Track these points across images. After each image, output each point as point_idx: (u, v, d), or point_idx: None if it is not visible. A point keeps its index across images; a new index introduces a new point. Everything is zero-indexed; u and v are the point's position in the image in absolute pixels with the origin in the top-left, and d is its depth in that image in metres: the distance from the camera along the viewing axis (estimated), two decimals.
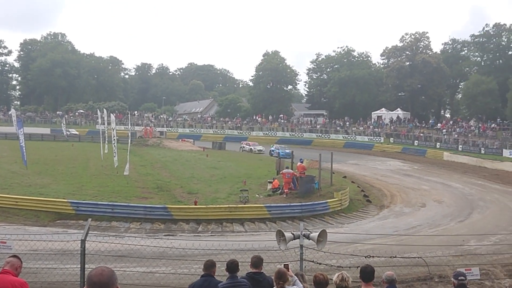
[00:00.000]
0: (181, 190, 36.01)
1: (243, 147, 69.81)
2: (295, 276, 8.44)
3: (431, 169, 53.95)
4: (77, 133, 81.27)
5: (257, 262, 8.61)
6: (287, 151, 58.00)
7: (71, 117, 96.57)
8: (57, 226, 25.40)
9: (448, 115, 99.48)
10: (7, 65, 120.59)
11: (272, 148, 64.48)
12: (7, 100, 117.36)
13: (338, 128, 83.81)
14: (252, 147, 68.27)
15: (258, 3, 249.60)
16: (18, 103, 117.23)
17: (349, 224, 29.10)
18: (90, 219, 12.17)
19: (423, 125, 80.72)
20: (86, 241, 10.53)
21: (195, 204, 30.03)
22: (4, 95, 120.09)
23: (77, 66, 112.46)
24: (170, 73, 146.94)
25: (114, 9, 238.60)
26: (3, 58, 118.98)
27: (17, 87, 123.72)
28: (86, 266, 10.59)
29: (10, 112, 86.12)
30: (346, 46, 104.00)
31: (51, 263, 16.01)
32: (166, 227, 26.69)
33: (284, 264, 9.00)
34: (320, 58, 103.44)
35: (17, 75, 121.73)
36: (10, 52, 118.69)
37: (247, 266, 8.71)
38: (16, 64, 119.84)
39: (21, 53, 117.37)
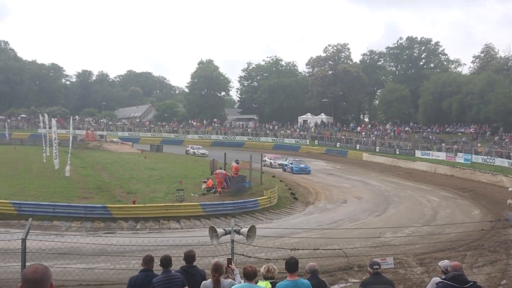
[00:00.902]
0: (120, 190, 35.38)
1: (265, 160, 53.26)
2: (237, 270, 8.48)
3: (352, 168, 55.05)
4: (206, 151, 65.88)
5: (190, 256, 8.60)
6: (302, 165, 50.42)
7: (14, 122, 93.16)
8: None
9: (366, 120, 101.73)
10: None
11: (285, 162, 52.05)
12: None
13: (267, 131, 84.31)
14: (272, 161, 55.08)
15: (193, 13, 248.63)
16: None
17: (277, 220, 29.30)
18: (30, 219, 11.82)
19: (345, 129, 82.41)
20: (26, 240, 10.25)
21: (134, 203, 29.62)
22: None
23: (19, 72, 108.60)
24: (110, 80, 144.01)
25: (56, 17, 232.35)
26: None
27: None
28: (27, 264, 10.27)
29: None
30: (275, 56, 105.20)
31: None
32: (106, 225, 26.14)
33: (228, 258, 9.06)
34: (250, 67, 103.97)
35: None
36: None
37: (182, 260, 8.69)
38: None
39: None
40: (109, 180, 40.11)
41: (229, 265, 8.79)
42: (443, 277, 8.24)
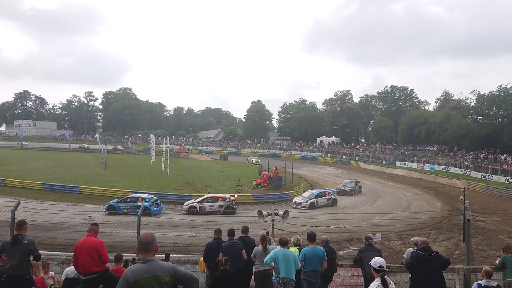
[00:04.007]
0: (200, 184, 35.88)
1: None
2: (273, 239, 8.49)
3: (353, 173, 54.05)
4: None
5: (245, 229, 8.61)
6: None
7: (133, 139, 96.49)
8: None
9: (363, 140, 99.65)
10: (94, 107, 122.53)
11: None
12: (94, 129, 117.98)
13: (296, 147, 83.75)
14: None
15: (248, 71, 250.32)
16: (101, 130, 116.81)
17: None
18: (143, 202, 12.05)
19: (348, 146, 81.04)
20: (141, 216, 10.47)
21: (209, 193, 29.89)
22: (92, 125, 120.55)
23: (137, 108, 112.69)
24: (195, 113, 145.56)
25: (161, 73, 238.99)
26: (92, 102, 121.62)
27: (100, 121, 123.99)
28: (141, 231, 10.51)
29: (95, 136, 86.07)
30: (302, 98, 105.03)
31: (119, 229, 15.95)
32: None
33: (266, 232, 9.06)
34: (285, 105, 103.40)
35: (100, 113, 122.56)
36: (96, 99, 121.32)
37: (240, 232, 8.70)
38: (100, 106, 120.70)
39: (104, 99, 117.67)
40: (193, 178, 40.70)
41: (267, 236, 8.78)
42: (415, 248, 7.99)
